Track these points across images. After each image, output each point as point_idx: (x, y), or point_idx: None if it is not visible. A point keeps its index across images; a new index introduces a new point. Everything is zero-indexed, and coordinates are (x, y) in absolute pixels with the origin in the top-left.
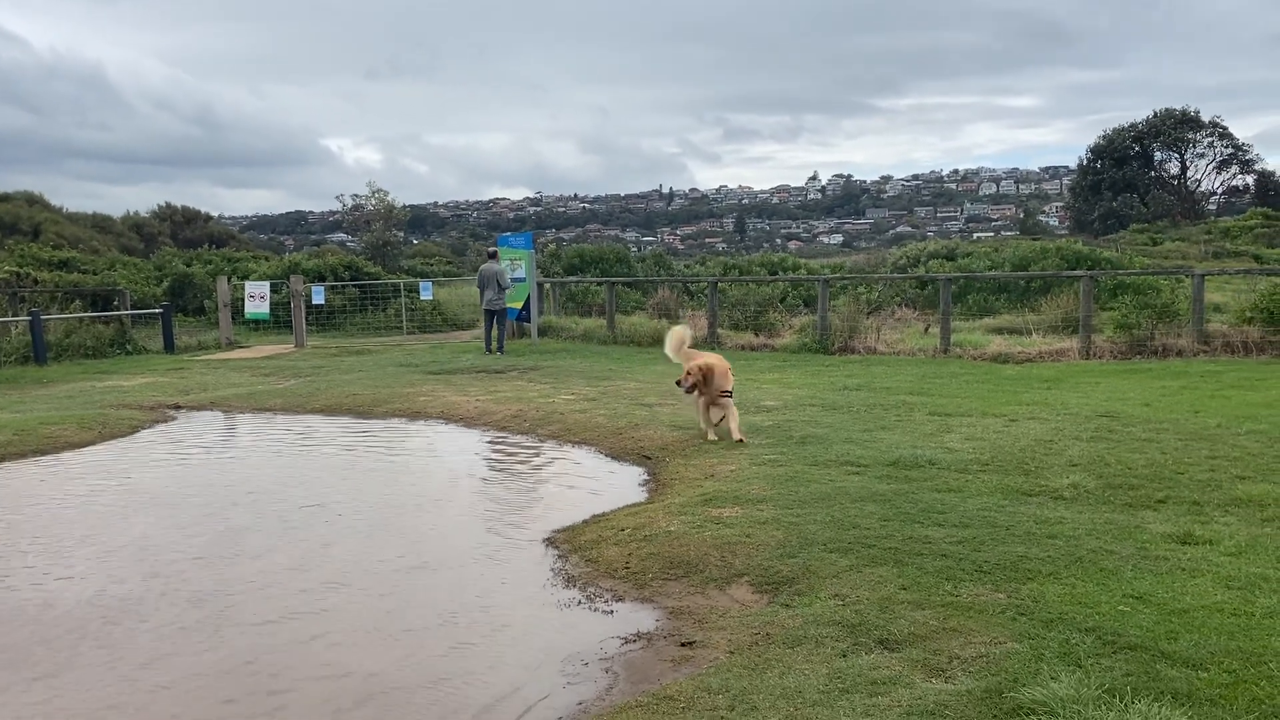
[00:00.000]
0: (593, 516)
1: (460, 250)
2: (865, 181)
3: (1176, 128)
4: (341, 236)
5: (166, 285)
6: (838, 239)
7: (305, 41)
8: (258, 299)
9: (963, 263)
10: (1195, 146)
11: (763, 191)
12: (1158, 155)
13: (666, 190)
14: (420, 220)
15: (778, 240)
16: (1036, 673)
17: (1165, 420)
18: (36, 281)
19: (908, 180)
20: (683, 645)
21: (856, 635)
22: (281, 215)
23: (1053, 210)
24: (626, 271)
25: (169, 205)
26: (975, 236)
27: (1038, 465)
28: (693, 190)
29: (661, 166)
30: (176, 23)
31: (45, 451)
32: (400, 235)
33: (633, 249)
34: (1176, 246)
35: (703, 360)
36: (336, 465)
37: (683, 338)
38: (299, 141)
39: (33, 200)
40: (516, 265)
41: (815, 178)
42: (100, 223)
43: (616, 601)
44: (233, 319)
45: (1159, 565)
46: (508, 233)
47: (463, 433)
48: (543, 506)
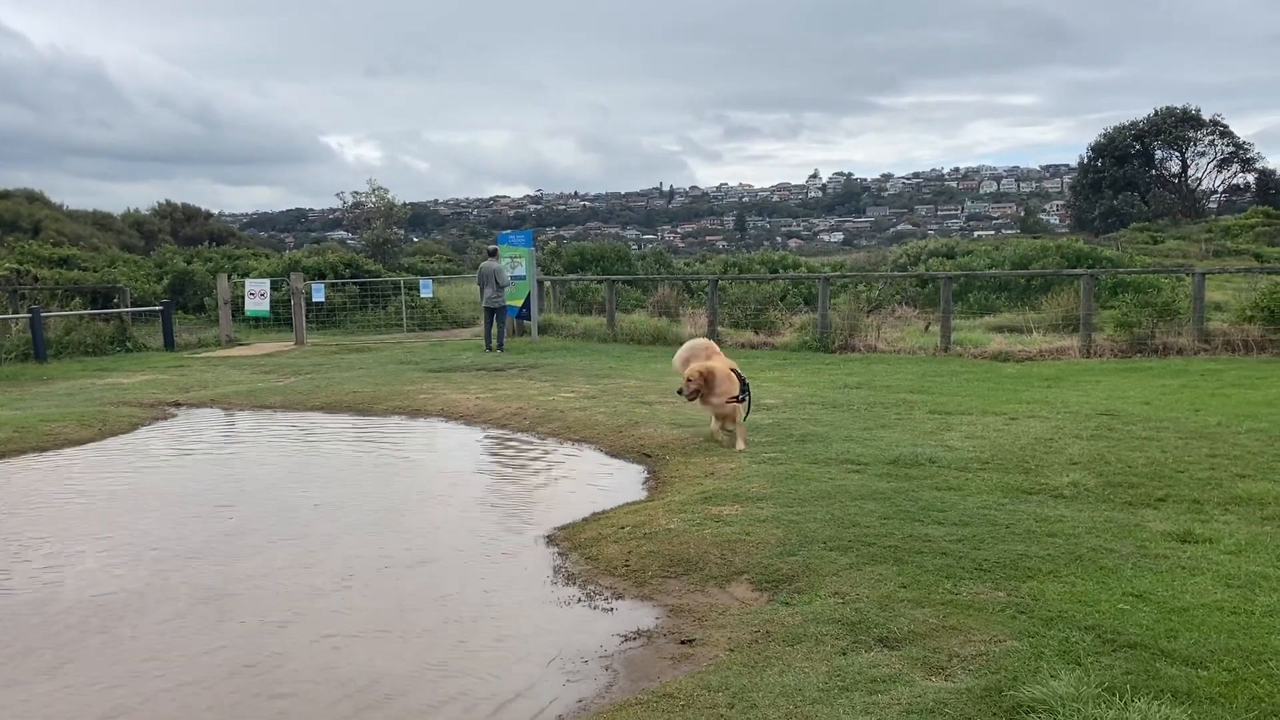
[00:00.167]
0: (593, 514)
1: (461, 248)
2: (866, 180)
3: (1177, 126)
4: (342, 234)
5: (166, 283)
6: (838, 237)
7: (306, 39)
8: (258, 296)
9: (963, 261)
10: (1196, 145)
11: (763, 189)
12: (1158, 154)
13: (667, 188)
14: (420, 218)
15: (778, 238)
16: (1036, 671)
17: (1165, 419)
18: (37, 279)
19: (908, 178)
20: (682, 643)
21: (856, 633)
22: (282, 213)
23: (1053, 208)
24: (627, 269)
25: (169, 203)
26: (976, 235)
27: (1038, 463)
28: (693, 188)
29: (662, 164)
30: (176, 20)
31: (45, 448)
32: (400, 233)
33: (633, 247)
34: (1177, 245)
35: (703, 365)
36: (337, 463)
37: (694, 352)
38: (299, 139)
39: (33, 197)
40: (517, 263)
41: (816, 176)
42: (100, 220)
43: (616, 599)
44: (233, 316)
45: (1159, 563)
46: (508, 230)
47: (463, 430)
48: (543, 504)
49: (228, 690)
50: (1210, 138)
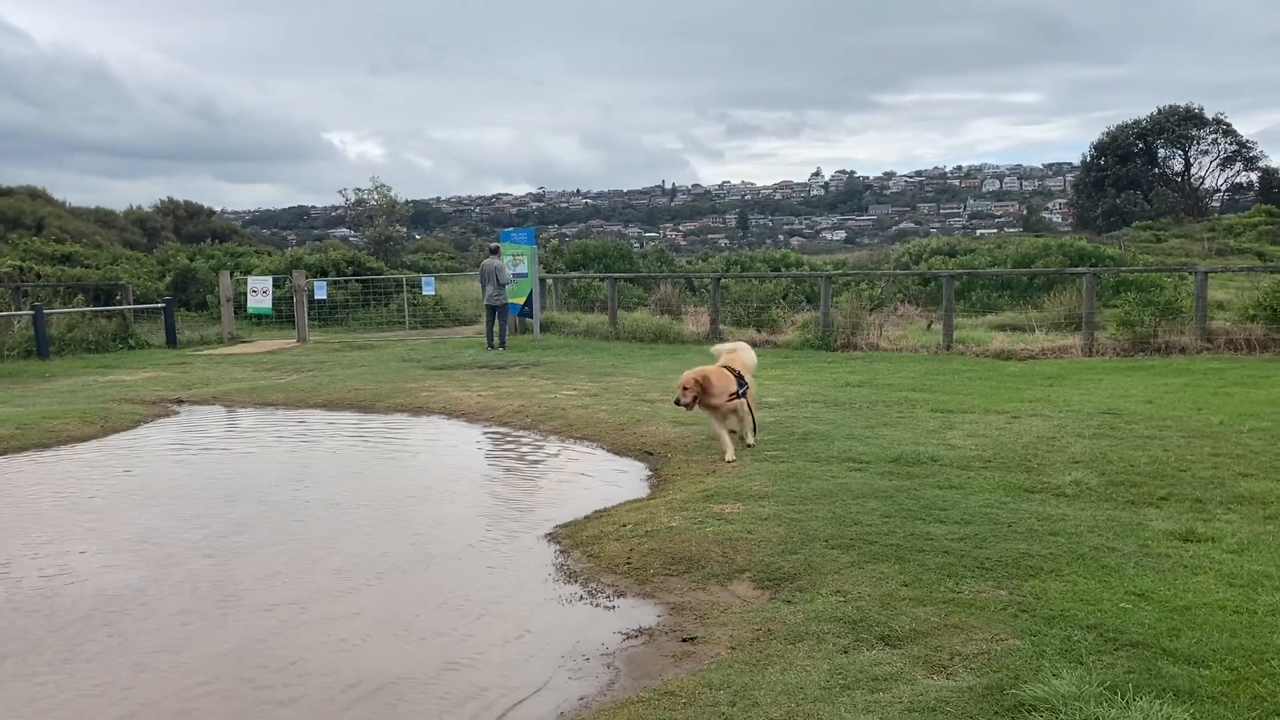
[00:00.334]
0: (594, 512)
1: (463, 246)
2: (868, 178)
3: (1180, 124)
4: (344, 231)
5: (169, 280)
6: (840, 235)
7: (308, 36)
8: (260, 294)
9: (965, 259)
10: (1199, 143)
11: (765, 187)
12: (1161, 152)
13: (669, 186)
14: (423, 215)
15: (780, 236)
16: (1038, 670)
17: (1168, 417)
18: (39, 276)
19: (911, 176)
20: (684, 641)
21: (858, 632)
22: (284, 210)
23: (1056, 207)
24: (629, 267)
25: (172, 200)
26: (978, 233)
27: (1040, 462)
28: (695, 186)
29: (664, 162)
30: (179, 16)
31: (48, 445)
32: (403, 230)
33: (635, 245)
34: (1180, 244)
35: (695, 371)
36: (340, 460)
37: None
38: (302, 136)
39: (36, 194)
40: (519, 261)
41: (818, 174)
42: (103, 217)
43: (618, 597)
44: (235, 314)
45: (1161, 562)
46: (510, 228)
47: (465, 428)
48: (545, 502)
49: (233, 681)
50: (1213, 136)
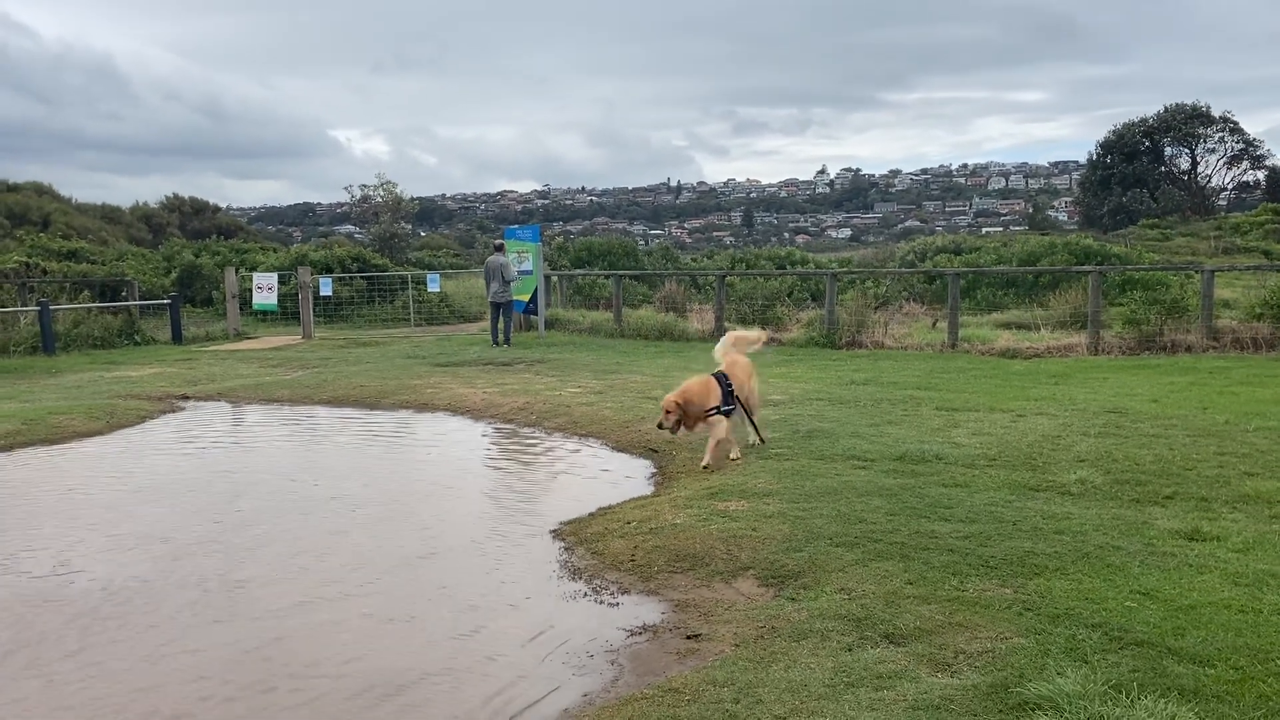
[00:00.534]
0: (599, 509)
1: (468, 242)
2: (873, 176)
3: (1187, 123)
4: (349, 228)
5: (175, 276)
6: (846, 233)
7: (313, 33)
8: (265, 290)
9: (971, 257)
10: (1206, 142)
11: (770, 185)
12: (1168, 150)
13: (674, 184)
14: (428, 212)
15: (785, 234)
16: (1042, 668)
17: (1173, 416)
18: (45, 272)
19: (916, 174)
20: (688, 638)
21: (862, 629)
22: (289, 206)
23: (1062, 205)
24: (634, 265)
25: (177, 196)
26: (984, 231)
27: (1045, 461)
28: (700, 184)
29: (669, 160)
30: (184, 13)
31: (54, 441)
32: (408, 227)
33: (640, 242)
34: (1186, 242)
35: (674, 393)
36: (345, 456)
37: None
38: (307, 133)
39: (42, 191)
40: (524, 258)
41: (823, 172)
42: (109, 213)
43: (622, 594)
44: (240, 310)
45: (1166, 561)
46: (515, 225)
47: (470, 425)
48: (549, 499)
49: (241, 675)
50: (1220, 134)
